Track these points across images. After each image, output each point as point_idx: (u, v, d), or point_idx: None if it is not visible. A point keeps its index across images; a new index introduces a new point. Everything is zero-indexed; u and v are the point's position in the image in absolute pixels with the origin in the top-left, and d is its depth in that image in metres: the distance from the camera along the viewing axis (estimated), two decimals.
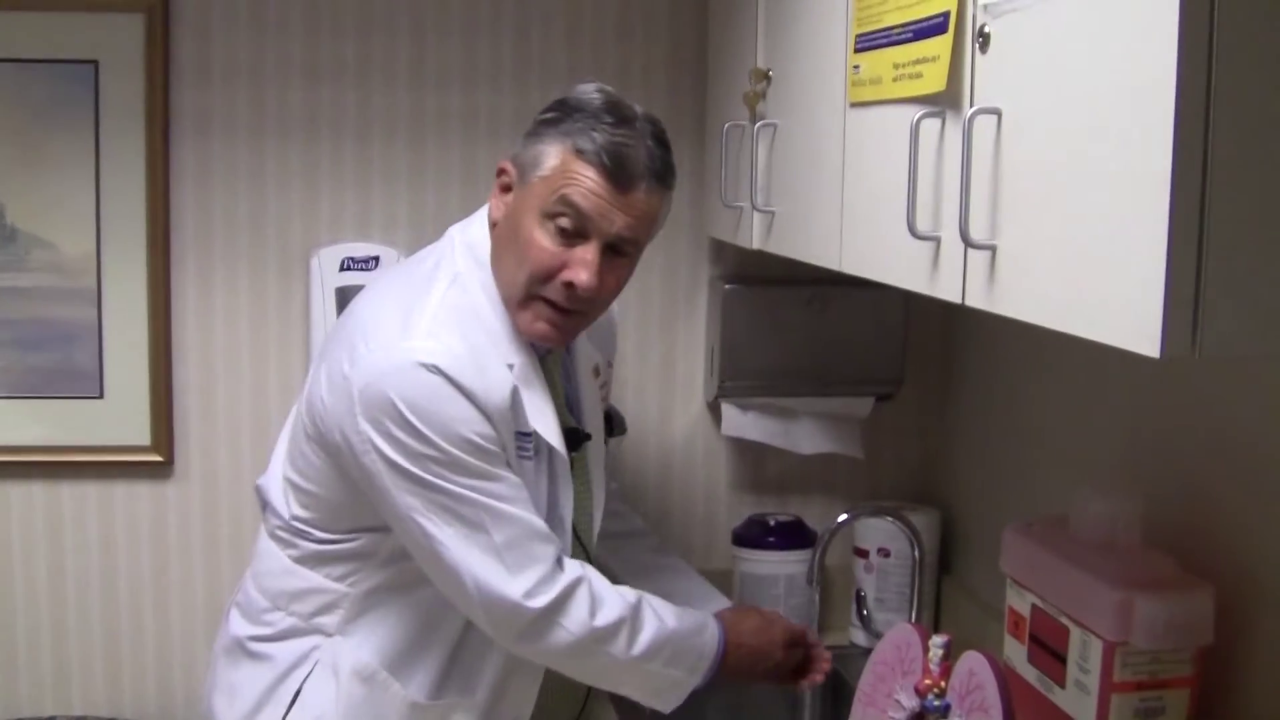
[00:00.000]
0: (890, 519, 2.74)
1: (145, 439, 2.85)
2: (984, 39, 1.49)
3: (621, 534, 2.49)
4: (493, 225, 2.08)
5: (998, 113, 1.45)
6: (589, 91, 2.03)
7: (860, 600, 2.86)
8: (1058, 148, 1.34)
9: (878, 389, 2.92)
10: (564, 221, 1.96)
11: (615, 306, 2.42)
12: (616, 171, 1.95)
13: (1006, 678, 1.91)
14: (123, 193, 2.79)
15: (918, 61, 1.65)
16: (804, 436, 2.93)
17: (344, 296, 2.78)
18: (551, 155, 1.97)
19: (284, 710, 2.13)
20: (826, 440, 2.93)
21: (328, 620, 2.13)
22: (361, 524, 2.09)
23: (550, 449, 2.07)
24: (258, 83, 2.81)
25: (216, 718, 2.21)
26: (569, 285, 1.97)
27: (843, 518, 2.64)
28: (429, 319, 1.99)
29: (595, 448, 2.23)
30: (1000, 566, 2.13)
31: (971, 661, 1.92)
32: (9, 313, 2.81)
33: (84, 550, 2.88)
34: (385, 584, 2.12)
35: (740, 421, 2.92)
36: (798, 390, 2.89)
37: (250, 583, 2.24)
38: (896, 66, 1.72)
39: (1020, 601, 2.08)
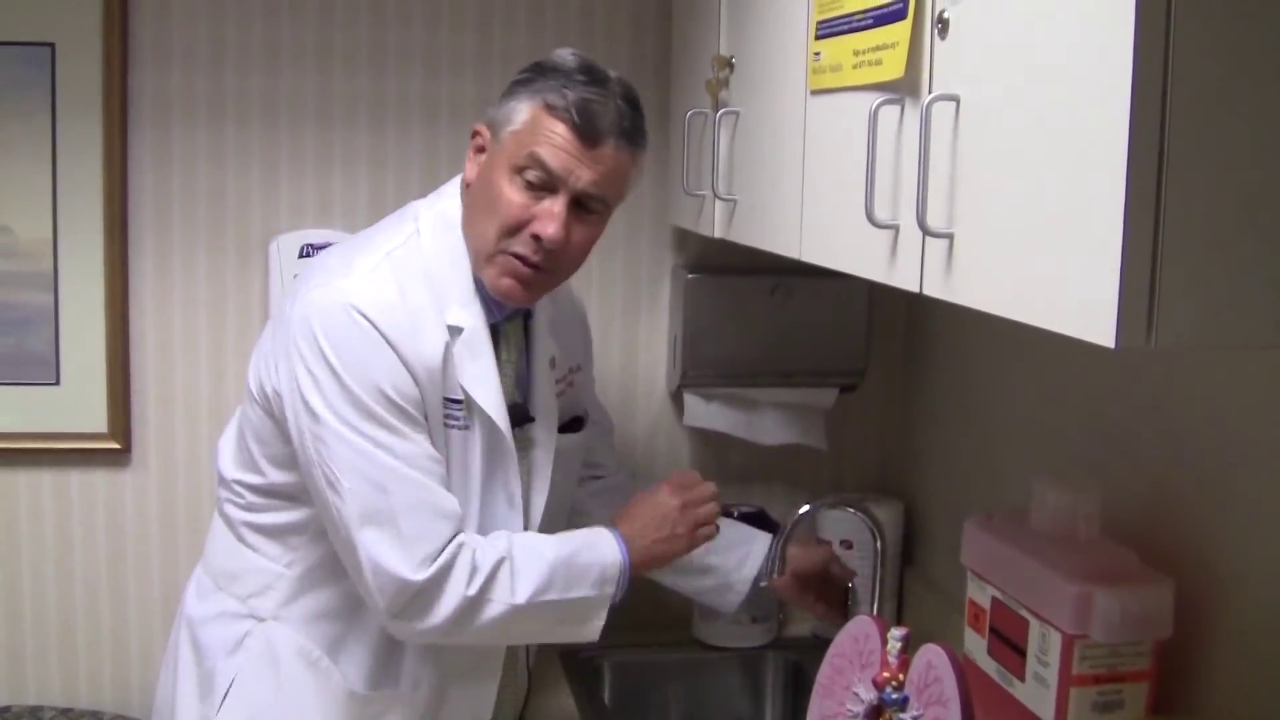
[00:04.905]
0: (853, 510, 2.73)
1: (102, 426, 2.82)
2: (943, 25, 1.48)
3: None
4: (466, 186, 2.11)
5: (956, 99, 1.44)
6: (564, 54, 2.08)
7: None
8: (1015, 135, 1.33)
9: (841, 380, 2.91)
10: (532, 175, 2.00)
11: (588, 312, 2.47)
12: (584, 126, 1.99)
13: (965, 671, 1.90)
14: (80, 177, 2.75)
15: (877, 48, 1.64)
16: (767, 427, 2.92)
17: None
18: (522, 111, 2.02)
19: (220, 699, 2.12)
20: (790, 431, 2.92)
21: (263, 603, 2.14)
22: (293, 489, 2.09)
23: (490, 424, 2.08)
24: (217, 66, 2.77)
25: (174, 705, 2.22)
26: (536, 238, 2.01)
27: (805, 509, 2.61)
28: (369, 267, 2.03)
29: (543, 435, 2.22)
30: (961, 559, 2.12)
31: (930, 654, 1.91)
32: None
33: (40, 539, 2.84)
34: (319, 565, 2.11)
35: (703, 412, 2.91)
36: (761, 380, 2.88)
37: (201, 564, 2.26)
38: (856, 53, 1.71)
39: (980, 594, 2.07)
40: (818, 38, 1.86)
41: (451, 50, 2.82)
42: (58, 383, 2.80)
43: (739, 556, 2.44)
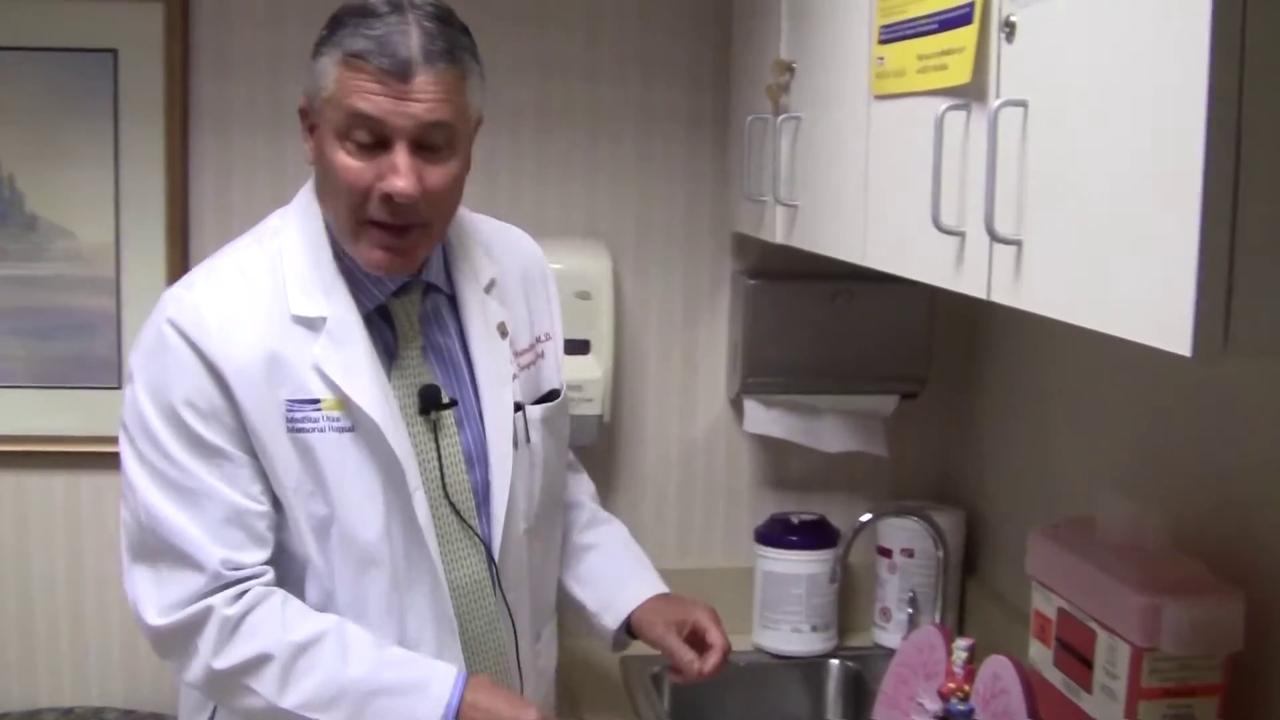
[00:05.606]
0: (915, 519, 2.71)
1: None
2: (1010, 29, 1.46)
3: None
4: (313, 169, 1.93)
5: (1024, 104, 1.42)
6: None
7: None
8: (1086, 140, 1.31)
9: (902, 386, 2.89)
10: (359, 135, 1.79)
11: (550, 267, 2.20)
12: (392, 64, 1.76)
13: (1031, 682, 1.88)
14: (141, 182, 2.77)
15: (942, 53, 1.62)
16: (828, 434, 2.90)
17: None
18: (328, 71, 1.80)
19: None
20: (850, 438, 2.90)
21: None
22: None
23: (370, 421, 1.85)
24: (277, 74, 2.78)
25: None
26: (388, 198, 1.80)
27: (866, 517, 2.60)
28: (204, 270, 1.92)
29: (496, 415, 1.97)
30: (1026, 569, 2.10)
31: (996, 665, 1.89)
32: (28, 301, 2.79)
33: (104, 540, 2.86)
34: None
35: (763, 418, 2.89)
36: (821, 387, 2.86)
37: None
38: (921, 58, 1.69)
39: (1046, 605, 2.05)
40: (881, 42, 1.85)
41: (510, 58, 2.81)
42: (119, 386, 2.81)
43: (605, 601, 2.19)
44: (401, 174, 1.78)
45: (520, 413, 2.01)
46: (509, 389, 2.00)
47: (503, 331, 2.01)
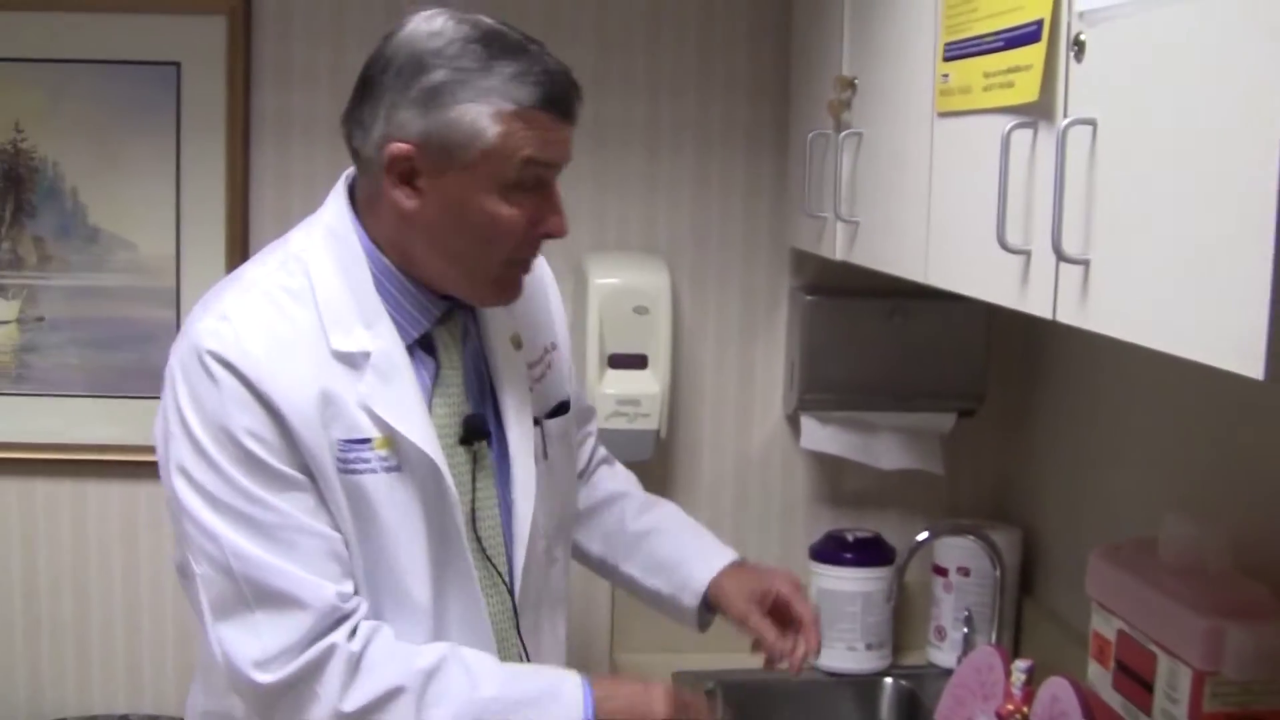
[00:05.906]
0: (971, 537, 2.69)
1: None
2: (1079, 47, 1.45)
3: (598, 503, 2.21)
4: (404, 217, 1.77)
5: (1093, 123, 1.41)
6: (452, 31, 1.74)
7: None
8: (1156, 160, 1.29)
9: (959, 404, 2.87)
10: (528, 182, 1.74)
11: (551, 276, 2.14)
12: (562, 108, 1.75)
13: (1091, 705, 1.86)
14: (203, 194, 2.80)
15: (1009, 70, 1.61)
16: (884, 451, 2.89)
17: None
18: (485, 124, 1.70)
19: None
20: (907, 455, 2.89)
21: (236, 702, 1.81)
22: None
23: (424, 458, 1.76)
24: (338, 86, 2.79)
25: None
26: (545, 236, 1.79)
27: (924, 535, 2.59)
28: (232, 300, 1.76)
29: (518, 435, 1.90)
30: (1086, 590, 2.08)
31: (1055, 687, 1.87)
32: (90, 311, 2.83)
33: (160, 550, 2.88)
34: None
35: (819, 435, 2.88)
36: (878, 404, 2.85)
37: None
38: (987, 75, 1.68)
39: (1106, 626, 2.03)
40: (945, 59, 1.84)
41: None
42: None
43: (679, 581, 2.12)
44: (560, 213, 1.80)
45: (539, 427, 1.95)
46: (529, 404, 1.93)
47: (516, 343, 1.94)
